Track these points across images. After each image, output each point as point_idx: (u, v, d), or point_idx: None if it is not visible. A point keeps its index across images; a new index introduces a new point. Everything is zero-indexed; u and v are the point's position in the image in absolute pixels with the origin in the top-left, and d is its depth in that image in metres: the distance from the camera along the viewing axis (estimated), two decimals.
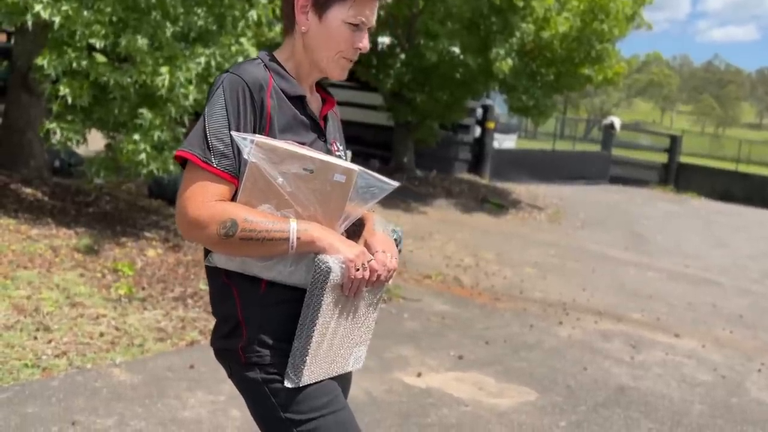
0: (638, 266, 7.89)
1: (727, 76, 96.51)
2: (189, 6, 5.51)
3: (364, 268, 1.38)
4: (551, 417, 3.45)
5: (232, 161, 1.35)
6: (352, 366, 1.51)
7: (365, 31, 1.48)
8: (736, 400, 4.04)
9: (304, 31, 1.46)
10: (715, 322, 5.85)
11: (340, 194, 1.38)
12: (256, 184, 1.34)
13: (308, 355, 1.37)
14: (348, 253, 1.37)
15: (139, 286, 4.47)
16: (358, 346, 1.51)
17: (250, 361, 1.42)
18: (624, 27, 10.00)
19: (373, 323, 1.52)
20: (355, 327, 1.47)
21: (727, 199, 16.45)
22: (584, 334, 4.99)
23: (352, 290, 1.39)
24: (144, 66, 5.03)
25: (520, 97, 10.22)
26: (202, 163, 1.34)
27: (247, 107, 1.37)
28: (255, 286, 1.41)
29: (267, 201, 1.35)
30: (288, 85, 1.45)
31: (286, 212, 1.36)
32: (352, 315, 1.45)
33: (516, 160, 15.01)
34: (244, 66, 1.42)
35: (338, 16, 1.44)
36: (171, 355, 3.54)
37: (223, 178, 1.35)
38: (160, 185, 7.33)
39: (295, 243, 1.34)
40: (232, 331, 1.44)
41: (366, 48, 1.48)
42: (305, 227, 1.36)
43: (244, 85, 1.37)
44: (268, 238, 1.33)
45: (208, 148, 1.34)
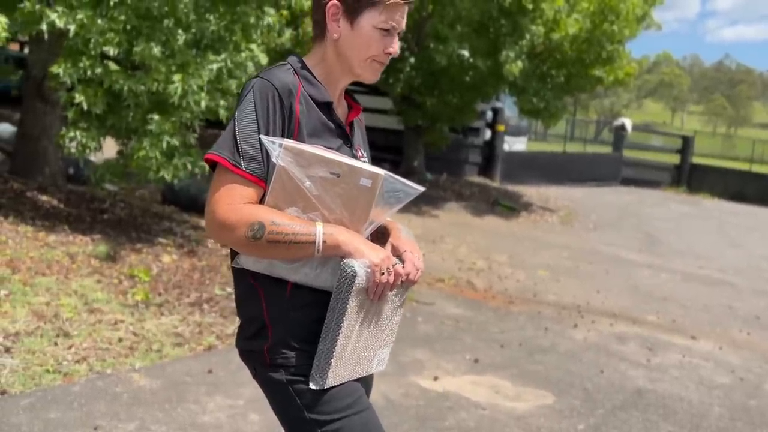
0: (652, 268, 7.85)
1: (738, 76, 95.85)
2: (201, 13, 5.55)
3: (389, 272, 1.39)
4: (569, 420, 3.44)
5: (261, 165, 1.37)
6: (375, 368, 1.52)
7: (395, 35, 1.50)
8: (755, 403, 4.01)
9: (336, 38, 1.48)
10: (731, 323, 5.82)
11: (366, 198, 1.39)
12: (284, 187, 1.36)
13: (333, 357, 1.39)
14: (374, 257, 1.38)
15: (155, 292, 4.50)
16: (382, 348, 1.52)
17: (275, 363, 1.44)
18: (634, 28, 9.97)
19: (396, 325, 1.53)
20: (379, 329, 1.48)
21: (741, 200, 16.34)
22: (599, 337, 4.97)
23: (377, 294, 1.40)
24: (157, 73, 5.08)
25: (531, 99, 10.21)
26: (232, 167, 1.36)
27: (276, 112, 1.39)
28: (281, 288, 1.43)
29: (294, 204, 1.37)
30: (316, 92, 1.47)
31: (312, 215, 1.38)
32: (377, 318, 1.46)
33: (526, 163, 14.98)
34: (273, 71, 1.44)
35: (370, 21, 1.46)
36: (189, 360, 3.56)
37: (251, 181, 1.37)
38: (173, 191, 7.38)
39: (321, 246, 1.36)
40: (257, 333, 1.46)
41: (396, 52, 1.51)
42: (331, 231, 1.37)
43: (274, 90, 1.39)
44: (295, 241, 1.34)
45: (237, 151, 1.36)
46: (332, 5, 1.46)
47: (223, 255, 5.66)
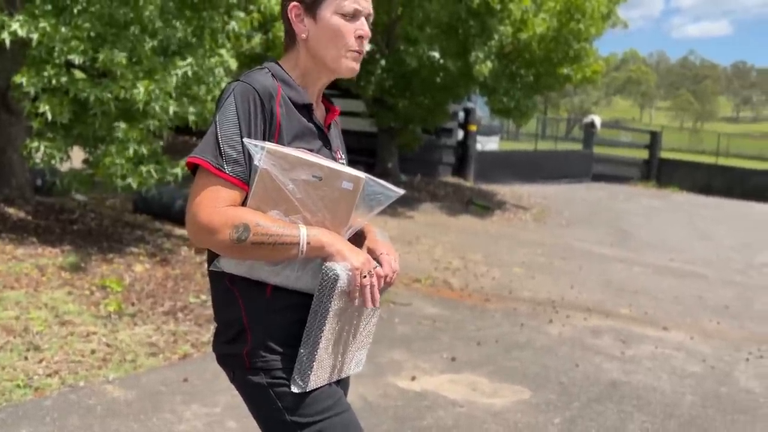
0: (624, 262, 7.97)
1: (703, 71, 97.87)
2: (167, 20, 5.51)
3: (370, 275, 1.41)
4: (546, 414, 3.48)
5: (244, 168, 1.37)
6: (353, 369, 1.54)
7: (362, 18, 1.50)
8: (726, 390, 4.09)
9: (305, 38, 1.48)
10: (701, 314, 5.93)
11: (348, 201, 1.41)
12: (266, 190, 1.37)
13: (315, 360, 1.40)
14: (355, 260, 1.39)
15: (128, 302, 4.45)
16: (360, 350, 1.53)
17: (255, 366, 1.43)
18: (600, 26, 10.13)
19: (373, 327, 1.55)
20: (357, 332, 1.49)
21: (708, 192, 16.68)
22: (574, 331, 5.03)
23: (360, 297, 1.41)
24: (123, 80, 5.02)
25: (501, 99, 10.30)
26: (215, 170, 1.36)
27: (257, 115, 1.39)
28: (261, 291, 1.43)
29: (276, 207, 1.38)
30: (296, 94, 1.47)
31: (294, 218, 1.39)
32: (356, 320, 1.47)
33: (499, 162, 15.10)
34: (253, 75, 1.44)
35: (330, 10, 1.46)
36: (164, 370, 3.53)
37: (235, 184, 1.36)
38: (144, 200, 7.30)
39: (305, 248, 1.36)
40: (236, 337, 1.45)
41: (367, 34, 1.50)
42: (315, 233, 1.38)
43: (255, 93, 1.40)
44: (279, 243, 1.35)
45: (220, 154, 1.36)
46: (293, 7, 1.48)
47: (197, 263, 5.62)
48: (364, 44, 1.50)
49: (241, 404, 3.25)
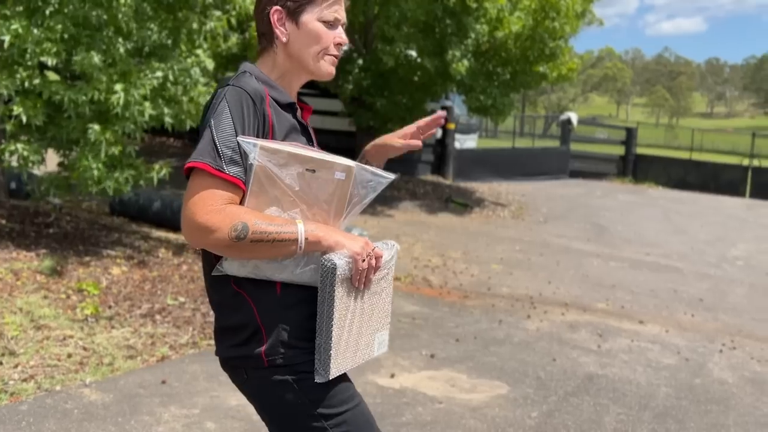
0: (601, 257, 8.07)
1: (678, 68, 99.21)
2: (142, 21, 5.47)
3: (369, 257, 1.45)
4: (523, 409, 3.52)
5: (242, 168, 1.39)
6: (377, 351, 1.57)
7: (339, 26, 1.58)
8: (699, 381, 4.18)
9: (285, 42, 1.54)
10: (676, 307, 6.03)
11: (342, 191, 1.45)
12: (263, 187, 1.39)
13: (332, 349, 1.43)
14: (353, 246, 1.43)
15: (105, 305, 4.42)
16: (380, 331, 1.57)
17: (275, 364, 1.45)
18: (575, 24, 10.23)
19: (389, 307, 1.58)
20: (372, 314, 1.53)
21: (683, 187, 16.92)
22: (552, 326, 5.10)
23: (361, 281, 1.45)
24: (98, 83, 4.98)
25: (478, 97, 10.36)
26: (215, 171, 1.36)
27: (251, 116, 1.42)
28: (270, 290, 1.45)
29: (273, 203, 1.41)
30: (279, 95, 1.52)
31: (292, 213, 1.42)
32: (367, 303, 1.51)
33: (478, 160, 15.18)
34: (241, 79, 1.47)
35: (313, 17, 1.53)
36: (142, 372, 3.51)
37: (234, 183, 1.38)
38: (122, 202, 7.24)
39: (304, 244, 1.39)
40: (250, 338, 1.46)
41: (345, 41, 1.57)
42: (312, 228, 1.41)
43: (247, 96, 1.43)
44: (278, 240, 1.37)
45: (218, 155, 1.37)
46: (275, 11, 1.53)
47: (175, 265, 5.59)
48: (341, 50, 1.60)
49: (219, 405, 3.26)
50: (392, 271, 1.57)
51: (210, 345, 4.03)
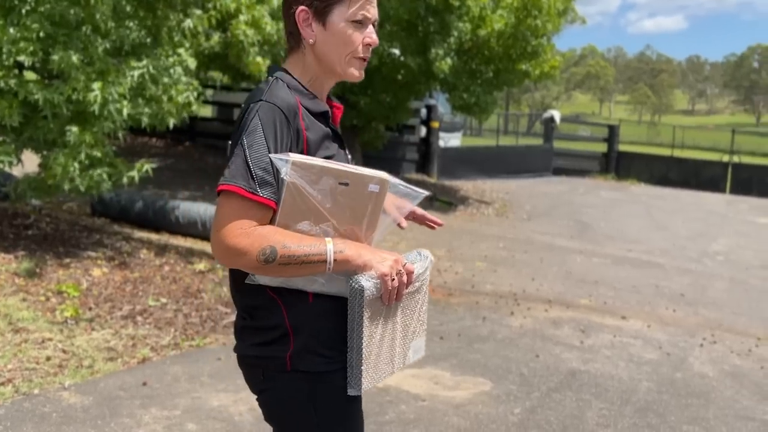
0: (584, 253, 8.12)
1: (659, 66, 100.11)
2: (120, 20, 5.41)
3: (400, 274, 1.42)
4: (506, 405, 3.53)
5: (274, 187, 1.37)
6: (412, 358, 1.57)
7: (370, 26, 1.51)
8: (681, 375, 4.22)
9: (312, 43, 1.49)
10: (658, 302, 6.09)
11: (375, 204, 1.42)
12: (295, 202, 1.37)
13: (363, 364, 1.42)
14: (381, 268, 1.41)
15: (85, 307, 4.37)
16: (415, 338, 1.56)
17: (297, 369, 1.44)
18: (557, 22, 10.27)
19: (424, 315, 1.57)
20: (407, 325, 1.52)
21: (665, 184, 17.08)
22: (535, 323, 5.12)
23: (391, 299, 1.43)
24: (76, 82, 4.91)
25: (461, 95, 10.37)
26: (248, 194, 1.35)
27: (284, 133, 1.40)
28: (303, 297, 1.44)
29: (305, 218, 1.38)
30: (312, 104, 1.49)
31: (324, 226, 1.40)
32: (400, 316, 1.49)
33: (462, 158, 15.22)
34: (274, 92, 1.44)
35: (340, 17, 1.47)
36: (122, 374, 3.48)
37: (266, 205, 1.37)
38: (103, 203, 7.16)
39: (332, 265, 1.38)
40: (277, 339, 1.45)
41: (375, 42, 1.51)
42: (341, 248, 1.39)
43: (280, 112, 1.40)
44: (307, 262, 1.36)
45: (252, 178, 1.35)
46: (301, 11, 1.48)
47: (157, 266, 5.54)
48: (370, 51, 1.53)
49: (201, 406, 3.23)
50: (426, 282, 1.54)
51: (191, 346, 4.00)
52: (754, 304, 6.29)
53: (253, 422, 3.09)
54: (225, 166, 1.41)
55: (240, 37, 6.47)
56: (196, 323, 4.37)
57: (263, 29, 6.52)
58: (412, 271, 1.45)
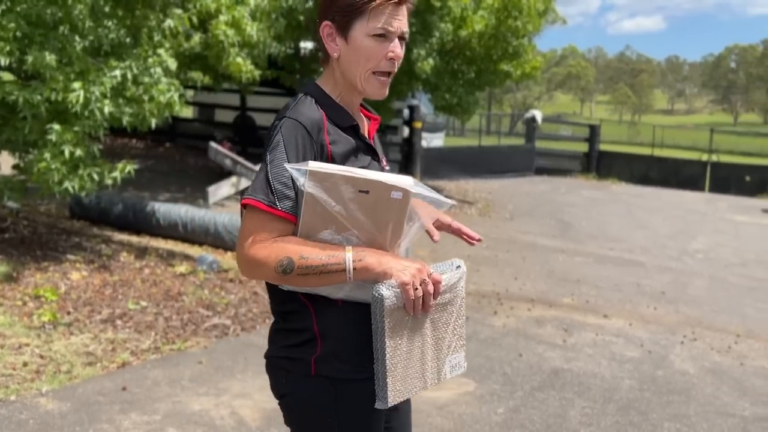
0: (566, 252, 8.17)
1: (639, 66, 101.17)
2: (98, 19, 5.34)
3: (425, 283, 1.38)
4: (489, 405, 3.53)
5: (293, 201, 1.38)
6: (450, 374, 1.51)
7: (395, 39, 1.48)
8: (662, 373, 4.25)
9: (337, 57, 1.49)
10: (640, 300, 6.13)
11: (399, 211, 1.38)
12: (315, 212, 1.35)
13: (388, 377, 1.38)
14: (402, 276, 1.36)
15: (64, 311, 4.30)
16: (452, 354, 1.50)
17: (321, 374, 1.43)
18: (537, 22, 10.33)
19: (460, 328, 1.51)
20: (441, 338, 1.47)
21: (645, 183, 17.25)
22: (518, 322, 5.13)
23: (417, 309, 1.39)
24: (54, 82, 4.84)
25: (444, 95, 10.40)
26: (266, 207, 1.37)
27: (306, 150, 1.40)
28: (333, 302, 1.43)
29: (326, 227, 1.37)
30: (341, 118, 1.48)
31: (347, 235, 1.37)
32: (431, 328, 1.44)
33: (445, 158, 15.25)
34: (299, 109, 1.45)
35: (361, 31, 1.45)
36: (102, 379, 3.42)
37: (284, 218, 1.38)
38: (81, 205, 7.07)
39: (352, 274, 1.36)
40: (304, 342, 1.45)
41: (398, 56, 1.48)
42: (360, 256, 1.36)
43: (303, 129, 1.41)
44: (326, 272, 1.35)
45: (271, 191, 1.38)
46: (325, 26, 1.48)
47: (137, 268, 5.48)
48: (395, 65, 1.49)
49: (182, 411, 3.19)
50: (460, 294, 1.49)
51: (172, 350, 3.96)
52: (734, 301, 6.36)
53: (235, 426, 3.06)
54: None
55: (220, 38, 6.43)
56: (177, 326, 4.32)
57: (243, 30, 6.48)
58: (439, 281, 1.40)
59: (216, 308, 4.74)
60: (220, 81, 8.72)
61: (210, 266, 5.64)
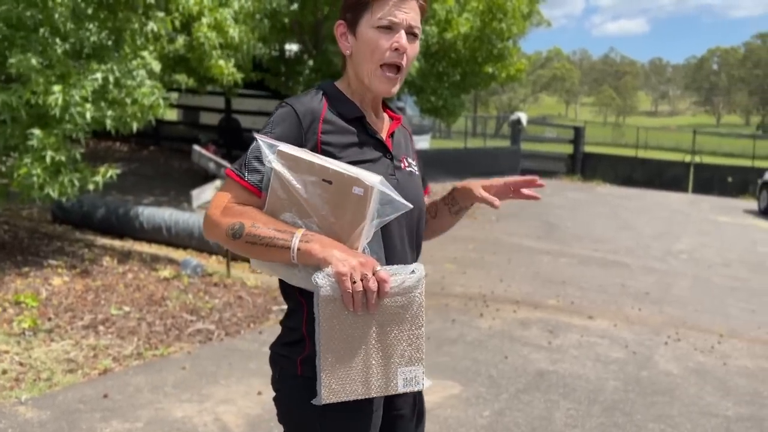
0: (551, 254, 8.20)
1: (623, 68, 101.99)
2: (80, 22, 5.28)
3: (366, 279, 1.31)
4: (475, 408, 3.53)
5: (262, 176, 1.42)
6: (402, 388, 1.42)
7: (401, 31, 1.46)
8: (646, 373, 4.27)
9: (349, 54, 1.51)
10: (624, 301, 6.16)
11: (358, 207, 1.36)
12: (278, 191, 1.38)
13: (322, 371, 1.34)
14: (340, 266, 1.30)
15: (44, 317, 4.24)
16: (406, 366, 1.42)
17: (305, 374, 1.43)
18: (522, 25, 10.38)
19: (418, 341, 1.43)
20: (391, 344, 1.40)
21: (630, 184, 17.38)
22: (504, 324, 5.14)
23: (356, 305, 1.32)
24: (35, 85, 4.79)
25: (429, 98, 10.42)
26: (235, 176, 1.44)
27: (290, 132, 1.44)
28: None
29: (289, 209, 1.38)
30: (346, 109, 1.50)
31: (307, 221, 1.38)
32: (378, 330, 1.38)
33: (431, 160, 15.26)
34: (300, 97, 1.49)
35: (367, 24, 1.47)
36: (82, 386, 3.38)
37: (249, 190, 1.42)
38: (64, 209, 6.99)
39: (296, 254, 1.34)
40: (296, 342, 1.47)
41: (403, 46, 1.46)
42: (308, 239, 1.34)
43: (293, 113, 1.45)
44: (271, 245, 1.35)
45: (245, 164, 1.44)
46: (339, 25, 1.51)
47: (120, 273, 5.42)
48: (403, 58, 1.46)
49: (165, 418, 3.15)
50: (418, 300, 1.40)
51: (155, 355, 3.91)
52: (717, 301, 6.42)
53: None
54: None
55: (202, 40, 6.39)
56: (160, 332, 4.28)
57: (226, 32, 6.45)
58: (385, 279, 1.32)
59: (200, 313, 4.70)
60: (204, 83, 8.67)
61: (194, 270, 5.60)
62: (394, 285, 1.36)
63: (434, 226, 1.84)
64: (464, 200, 1.74)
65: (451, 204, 1.76)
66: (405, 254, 1.57)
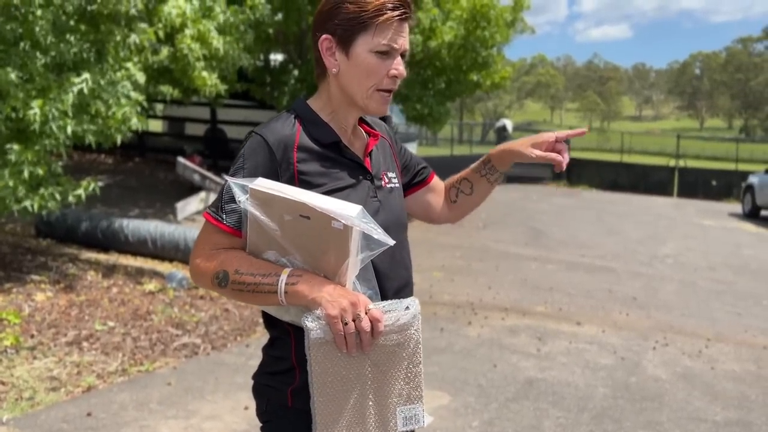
0: (539, 260, 8.21)
1: (607, 73, 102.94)
2: (61, 34, 5.24)
3: (359, 319, 1.26)
4: (464, 418, 3.51)
5: (239, 215, 1.37)
6: (402, 427, 1.38)
7: (397, 56, 1.42)
8: (635, 379, 4.27)
9: (336, 72, 1.42)
10: (612, 306, 6.18)
11: (340, 241, 1.30)
12: (257, 231, 1.33)
13: (317, 415, 1.31)
14: (330, 308, 1.26)
15: (27, 334, 4.18)
16: (405, 404, 1.38)
17: (296, 407, 1.38)
18: (505, 32, 10.43)
19: (417, 378, 1.38)
20: (385, 382, 1.35)
21: (615, 189, 17.50)
22: (492, 332, 5.13)
23: (349, 347, 1.28)
24: (14, 100, 4.73)
25: (415, 106, 10.43)
26: (213, 220, 1.39)
27: (264, 167, 1.37)
28: None
29: (271, 247, 1.33)
30: (321, 134, 1.44)
31: (291, 259, 1.33)
32: (373, 370, 1.33)
33: None
34: (271, 125, 1.42)
35: (365, 47, 1.39)
36: (66, 405, 3.32)
37: (228, 232, 1.38)
38: (48, 223, 6.91)
39: (284, 297, 1.30)
40: (284, 372, 1.41)
41: (402, 74, 1.42)
42: (294, 280, 1.29)
43: (265, 145, 1.39)
44: (258, 291, 1.32)
45: (220, 205, 1.39)
46: (324, 39, 1.41)
47: (104, 288, 5.36)
48: (397, 83, 1.44)
49: None
50: (414, 337, 1.35)
51: (140, 371, 3.86)
52: (703, 305, 6.45)
53: None
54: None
55: (185, 52, 6.36)
56: (146, 347, 4.23)
57: (209, 43, 6.42)
58: (378, 318, 1.27)
59: (186, 326, 4.65)
60: (189, 94, 8.63)
61: (180, 283, 5.55)
62: (388, 323, 1.31)
63: (470, 203, 1.77)
64: (503, 165, 1.67)
65: (490, 173, 1.69)
66: (402, 259, 1.60)
